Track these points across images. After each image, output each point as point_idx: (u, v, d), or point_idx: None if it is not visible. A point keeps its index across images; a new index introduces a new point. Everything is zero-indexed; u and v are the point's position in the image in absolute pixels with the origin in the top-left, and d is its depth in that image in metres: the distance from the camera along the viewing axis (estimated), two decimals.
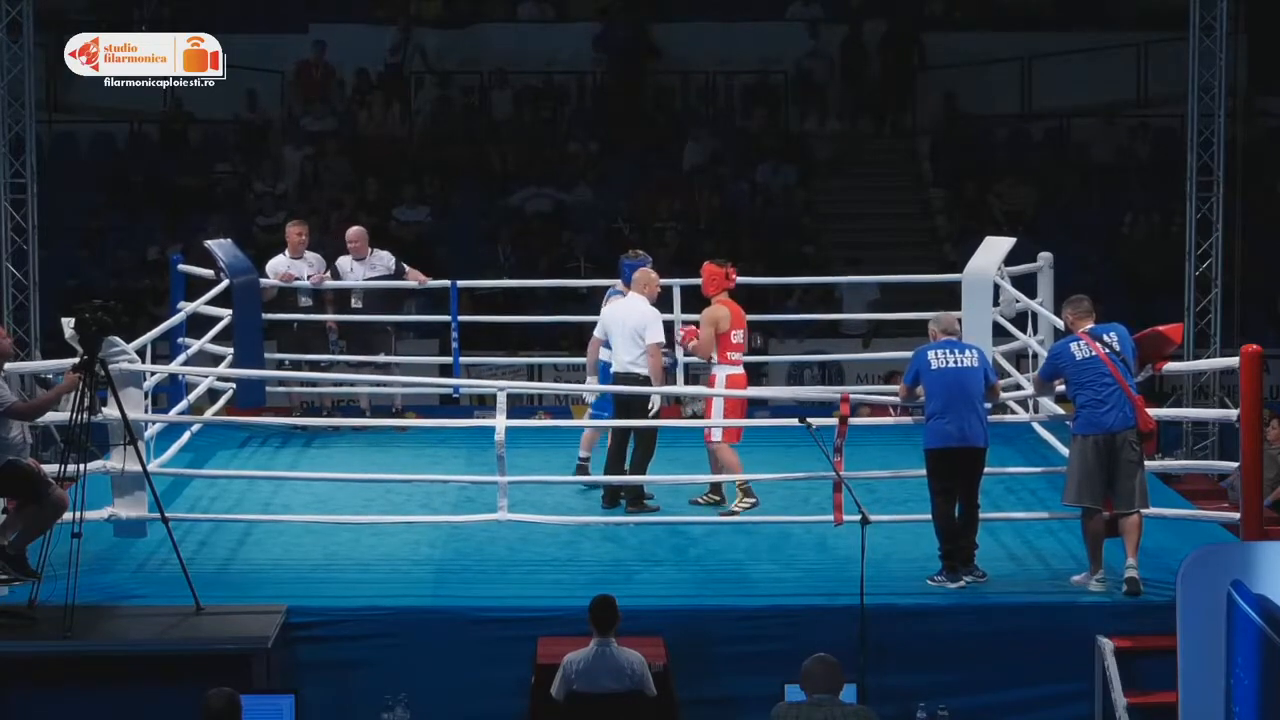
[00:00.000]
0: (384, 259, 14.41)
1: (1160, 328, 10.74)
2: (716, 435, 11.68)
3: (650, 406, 11.76)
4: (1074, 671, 9.78)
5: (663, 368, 12.00)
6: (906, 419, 11.18)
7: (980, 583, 10.27)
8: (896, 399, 10.81)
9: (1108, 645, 9.65)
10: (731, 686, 9.74)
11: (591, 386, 12.15)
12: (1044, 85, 21.83)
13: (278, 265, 14.33)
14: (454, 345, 14.67)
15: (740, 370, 11.85)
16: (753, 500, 11.66)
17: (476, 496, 11.73)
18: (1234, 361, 10.39)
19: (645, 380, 11.65)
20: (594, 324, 12.27)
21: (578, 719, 9.02)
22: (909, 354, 14.35)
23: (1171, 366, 11.17)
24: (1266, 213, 19.70)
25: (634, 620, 9.33)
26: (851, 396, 11.01)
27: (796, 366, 18.12)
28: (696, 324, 12.17)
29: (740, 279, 11.76)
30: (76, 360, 9.66)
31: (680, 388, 13.63)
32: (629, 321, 11.77)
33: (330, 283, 14.28)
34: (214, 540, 11.12)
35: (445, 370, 15.28)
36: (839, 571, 10.31)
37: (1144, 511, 10.13)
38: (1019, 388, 12.64)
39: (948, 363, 10.35)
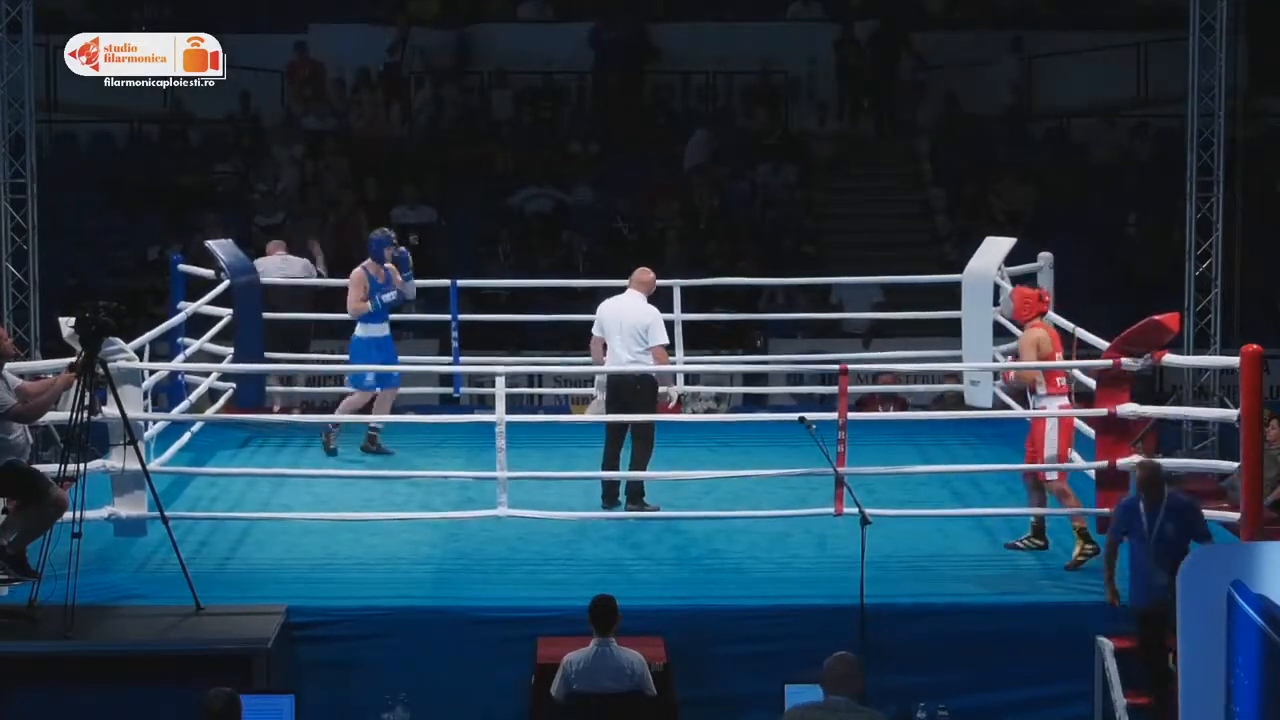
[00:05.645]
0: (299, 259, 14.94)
1: (1157, 317, 10.75)
2: (1052, 474, 10.75)
3: (665, 398, 11.73)
4: (1074, 671, 9.78)
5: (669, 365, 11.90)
6: (907, 415, 11.17)
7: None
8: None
9: (1108, 645, 9.64)
10: (731, 686, 9.74)
11: (590, 368, 12.10)
12: (1044, 85, 21.82)
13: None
14: (454, 345, 14.67)
15: (1066, 400, 10.87)
16: (1093, 548, 10.43)
17: (476, 496, 11.72)
18: (1234, 361, 10.38)
19: (646, 376, 11.63)
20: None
21: (578, 719, 9.02)
22: (909, 353, 14.35)
23: (1171, 359, 11.13)
24: (1266, 213, 19.68)
25: (634, 620, 9.33)
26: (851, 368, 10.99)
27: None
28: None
29: (739, 280, 11.69)
30: (73, 359, 9.66)
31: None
32: (628, 319, 11.75)
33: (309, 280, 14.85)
34: (214, 540, 11.12)
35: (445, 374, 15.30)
36: (839, 571, 10.30)
37: None
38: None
39: None
